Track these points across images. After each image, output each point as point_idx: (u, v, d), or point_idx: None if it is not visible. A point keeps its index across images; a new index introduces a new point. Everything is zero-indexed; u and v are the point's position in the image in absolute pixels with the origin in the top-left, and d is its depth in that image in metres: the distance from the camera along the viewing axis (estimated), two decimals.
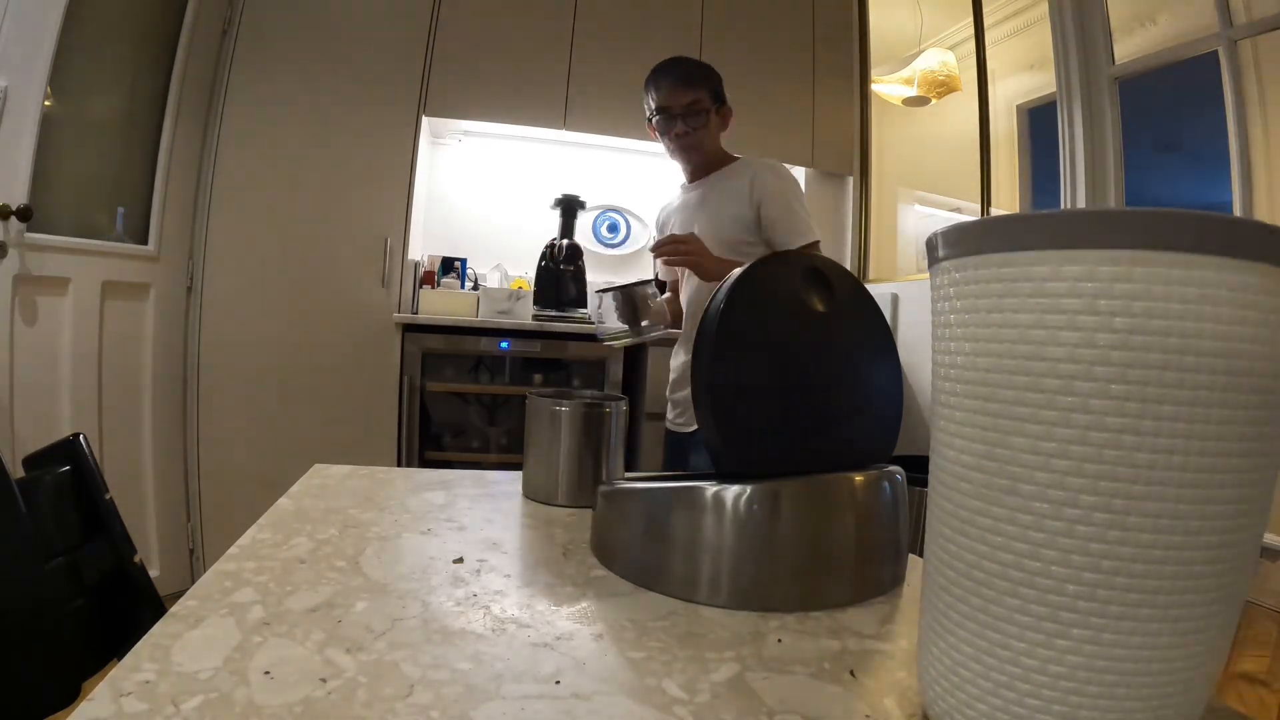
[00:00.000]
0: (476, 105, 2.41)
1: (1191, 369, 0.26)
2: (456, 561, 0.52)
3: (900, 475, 0.55)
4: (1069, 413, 0.27)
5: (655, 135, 1.59)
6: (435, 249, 2.61)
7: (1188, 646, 0.28)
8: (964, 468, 0.31)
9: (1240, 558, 0.28)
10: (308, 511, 0.62)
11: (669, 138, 1.53)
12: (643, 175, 2.84)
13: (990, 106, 2.63)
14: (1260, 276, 0.26)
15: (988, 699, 0.30)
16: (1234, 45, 2.07)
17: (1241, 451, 0.27)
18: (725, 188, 1.54)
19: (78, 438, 0.68)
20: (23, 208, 1.66)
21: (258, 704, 0.32)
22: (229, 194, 2.19)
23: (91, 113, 1.95)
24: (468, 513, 0.66)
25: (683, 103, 1.49)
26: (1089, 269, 0.27)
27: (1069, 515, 0.28)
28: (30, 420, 1.72)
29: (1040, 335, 0.28)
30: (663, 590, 0.49)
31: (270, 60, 2.22)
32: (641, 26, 2.54)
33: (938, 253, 0.34)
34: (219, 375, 2.18)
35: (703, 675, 0.38)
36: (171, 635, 0.37)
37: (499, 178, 2.73)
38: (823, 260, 0.59)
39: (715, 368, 0.51)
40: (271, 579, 0.46)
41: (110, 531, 0.68)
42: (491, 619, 0.43)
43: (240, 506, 1.85)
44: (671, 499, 0.51)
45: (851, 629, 0.45)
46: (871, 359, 0.59)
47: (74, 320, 1.84)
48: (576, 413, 0.70)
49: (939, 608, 0.33)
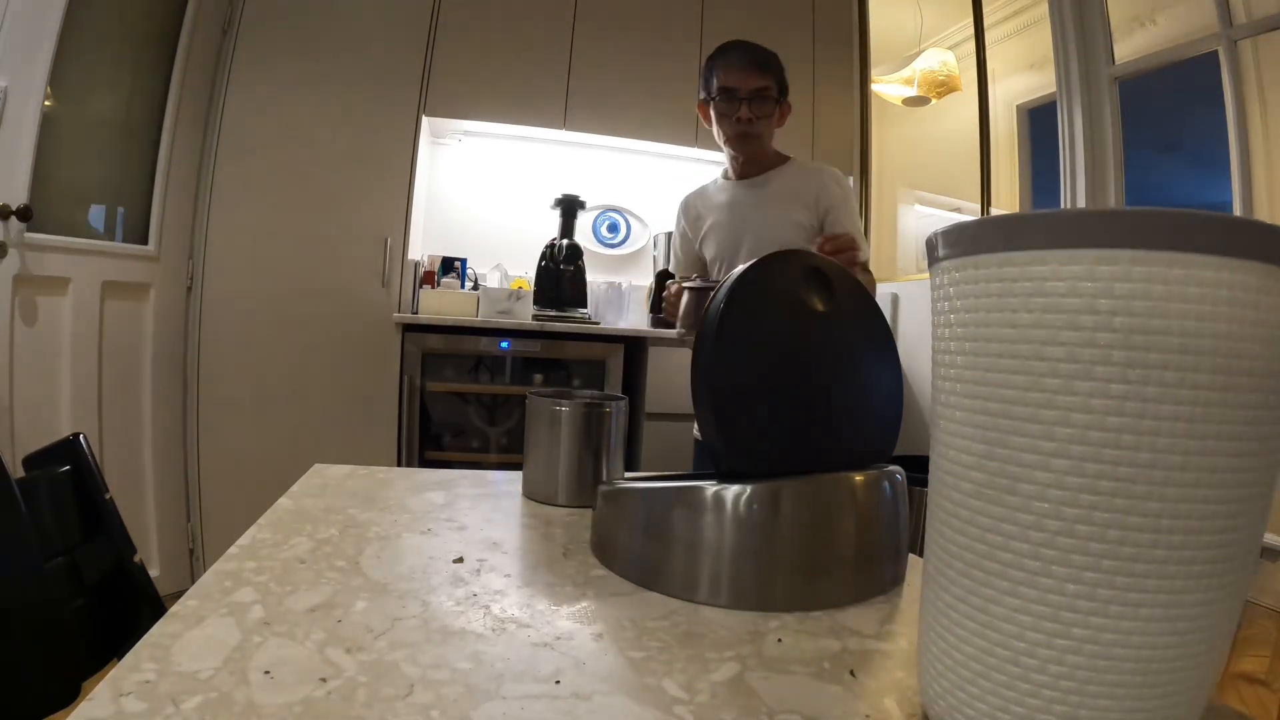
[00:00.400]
0: (476, 105, 2.41)
1: (1191, 368, 0.26)
2: (456, 561, 0.52)
3: (900, 475, 0.55)
4: (1069, 412, 0.27)
5: (708, 118, 1.44)
6: (435, 249, 2.61)
7: (1188, 646, 0.28)
8: (964, 467, 0.31)
9: (1241, 557, 0.28)
10: (308, 511, 0.62)
11: (729, 122, 1.38)
12: (643, 175, 2.84)
13: (990, 106, 2.63)
14: (1260, 276, 0.26)
15: (988, 699, 0.30)
16: (1234, 45, 2.07)
17: (1241, 451, 0.27)
18: (787, 190, 1.43)
19: (78, 438, 0.68)
20: (23, 208, 1.66)
21: (258, 704, 0.32)
22: (229, 194, 2.19)
23: (91, 113, 1.95)
24: (468, 512, 0.66)
25: (752, 86, 1.35)
26: (1089, 268, 0.27)
27: (1069, 515, 0.28)
28: (30, 420, 1.72)
29: (1040, 335, 0.28)
30: (663, 590, 0.49)
31: (270, 60, 2.22)
32: (641, 27, 2.54)
33: (938, 252, 0.34)
34: (219, 375, 2.18)
35: (703, 675, 0.38)
36: (171, 635, 0.37)
37: (499, 178, 2.73)
38: (823, 260, 0.59)
39: (715, 368, 0.51)
40: (271, 579, 0.46)
41: (110, 531, 0.68)
42: (491, 619, 0.43)
43: (240, 506, 1.85)
44: (672, 499, 0.51)
45: (851, 629, 0.45)
46: (871, 359, 0.59)
47: (74, 320, 1.84)
48: (576, 413, 0.70)
49: (939, 608, 0.33)
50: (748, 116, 1.36)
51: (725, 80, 1.37)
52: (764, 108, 1.36)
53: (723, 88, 1.37)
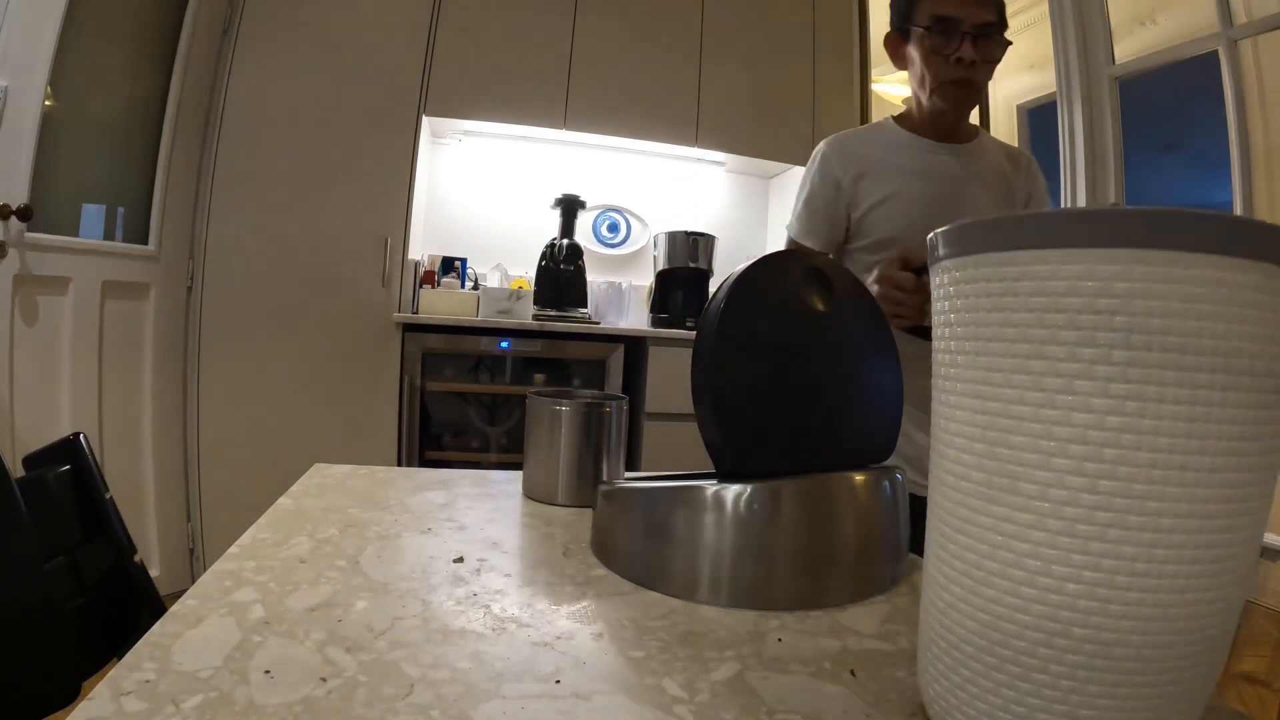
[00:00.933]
0: (477, 105, 2.41)
1: (1191, 368, 0.26)
2: (457, 561, 0.52)
3: (900, 475, 0.55)
4: (1069, 411, 0.27)
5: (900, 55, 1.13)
6: (435, 249, 2.61)
7: (1189, 645, 0.28)
8: (964, 467, 0.31)
9: (1241, 556, 0.28)
10: (308, 511, 0.62)
11: (943, 63, 1.04)
12: (643, 175, 2.84)
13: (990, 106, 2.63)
14: (1260, 276, 0.26)
15: (988, 698, 0.30)
16: (1234, 45, 2.07)
17: (1242, 450, 0.27)
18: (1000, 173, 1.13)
19: (78, 437, 0.68)
20: (23, 208, 1.66)
21: (258, 703, 0.32)
22: (229, 194, 2.19)
23: (91, 113, 1.94)
24: (468, 512, 0.66)
25: (980, 20, 1.02)
26: (1089, 268, 0.27)
27: (1069, 514, 0.28)
28: (30, 420, 1.72)
29: (1040, 334, 0.28)
30: (663, 589, 0.49)
31: (270, 60, 2.22)
32: (642, 26, 2.54)
33: (938, 252, 0.34)
34: (219, 375, 2.18)
35: (703, 674, 0.38)
36: (171, 635, 0.37)
37: (499, 178, 2.73)
38: (822, 260, 0.59)
39: (715, 367, 0.51)
40: (272, 578, 0.46)
41: (110, 531, 0.68)
42: (491, 618, 0.43)
43: (240, 506, 1.85)
44: (672, 499, 0.51)
45: (852, 628, 0.45)
46: (871, 359, 0.59)
47: (74, 320, 1.84)
48: (577, 412, 0.70)
49: (939, 607, 0.33)
50: (973, 58, 1.02)
51: (943, 7, 1.03)
52: (993, 49, 1.04)
53: (940, 17, 1.03)
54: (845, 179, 1.13)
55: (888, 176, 1.10)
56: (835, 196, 1.13)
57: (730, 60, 2.63)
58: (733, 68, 2.63)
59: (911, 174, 1.10)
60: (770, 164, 2.79)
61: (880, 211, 1.10)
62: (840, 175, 1.13)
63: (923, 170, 1.10)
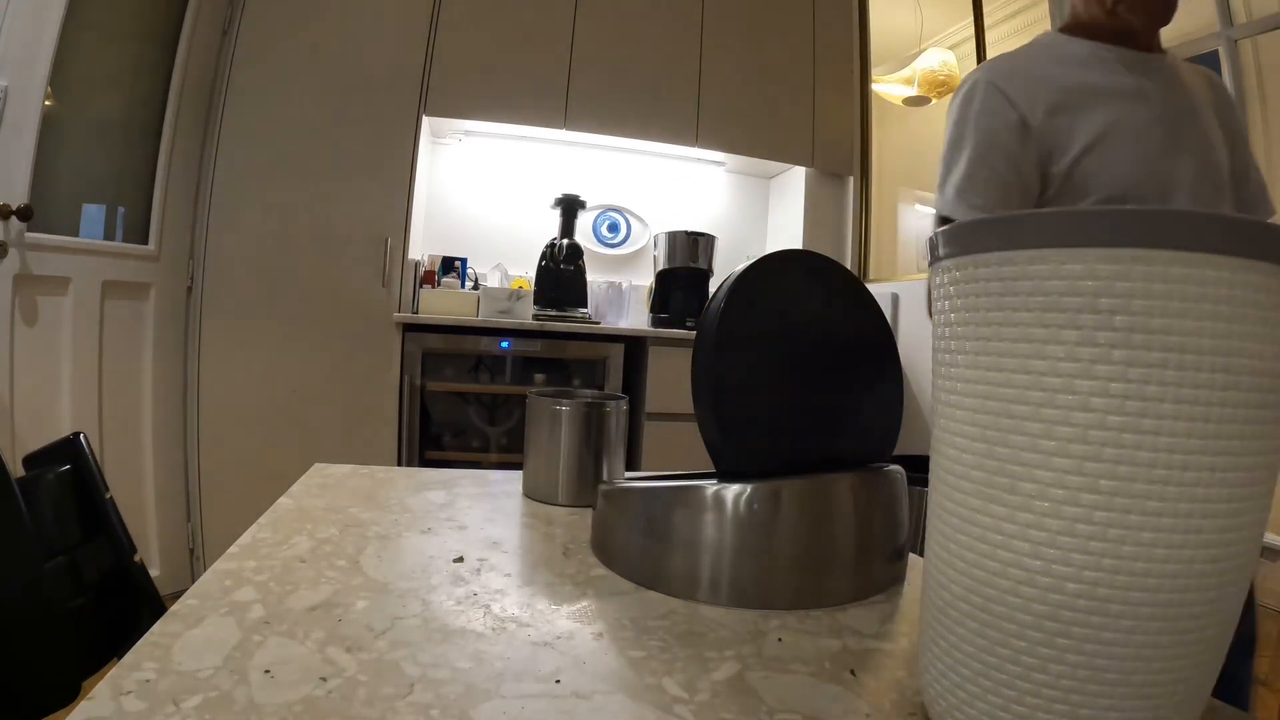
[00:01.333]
0: (477, 105, 2.41)
1: (1191, 367, 0.26)
2: (457, 560, 0.52)
3: (900, 475, 0.55)
4: (1069, 411, 0.27)
5: None
6: (435, 249, 2.61)
7: (1188, 644, 0.28)
8: (964, 466, 0.31)
9: (1241, 555, 0.28)
10: (308, 510, 0.62)
11: None
12: (643, 175, 2.84)
13: None
14: (1260, 275, 0.26)
15: (988, 698, 0.30)
16: (1234, 45, 2.06)
17: (1242, 450, 0.27)
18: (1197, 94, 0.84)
19: (78, 437, 0.68)
20: (23, 208, 1.66)
21: (258, 703, 0.32)
22: (229, 194, 2.19)
23: (91, 113, 1.95)
24: (468, 512, 0.66)
25: None
26: (1089, 267, 0.27)
27: (1069, 514, 0.28)
28: (30, 420, 1.72)
29: (1040, 334, 0.28)
30: (663, 589, 0.49)
31: (270, 60, 2.22)
32: (641, 26, 2.54)
33: (938, 251, 0.34)
34: (219, 375, 2.18)
35: (703, 674, 0.38)
36: (171, 634, 0.37)
37: (499, 177, 2.73)
38: (822, 260, 0.59)
39: (716, 366, 0.51)
40: (272, 578, 0.46)
41: (110, 531, 0.68)
42: (491, 618, 0.43)
43: (240, 506, 1.85)
44: (672, 498, 0.51)
45: (852, 628, 0.45)
46: (871, 359, 0.59)
47: (74, 320, 1.84)
48: (577, 412, 0.70)
49: (939, 606, 0.33)
50: None
51: None
52: None
53: None
54: (1035, 115, 0.80)
55: (1096, 104, 0.79)
56: (1022, 143, 0.80)
57: (730, 60, 2.63)
58: (733, 68, 2.63)
59: (1126, 97, 0.79)
60: (770, 164, 2.80)
61: (1097, 157, 0.79)
62: (1026, 110, 0.80)
63: (1137, 92, 0.80)
